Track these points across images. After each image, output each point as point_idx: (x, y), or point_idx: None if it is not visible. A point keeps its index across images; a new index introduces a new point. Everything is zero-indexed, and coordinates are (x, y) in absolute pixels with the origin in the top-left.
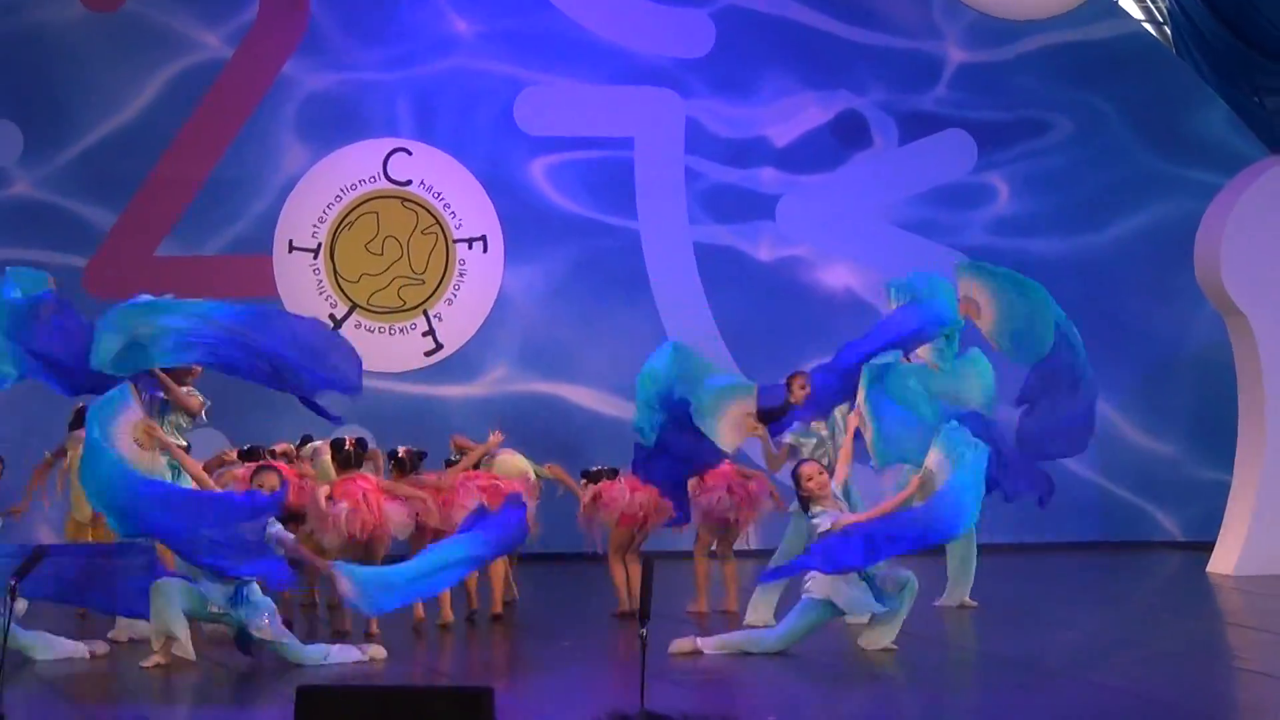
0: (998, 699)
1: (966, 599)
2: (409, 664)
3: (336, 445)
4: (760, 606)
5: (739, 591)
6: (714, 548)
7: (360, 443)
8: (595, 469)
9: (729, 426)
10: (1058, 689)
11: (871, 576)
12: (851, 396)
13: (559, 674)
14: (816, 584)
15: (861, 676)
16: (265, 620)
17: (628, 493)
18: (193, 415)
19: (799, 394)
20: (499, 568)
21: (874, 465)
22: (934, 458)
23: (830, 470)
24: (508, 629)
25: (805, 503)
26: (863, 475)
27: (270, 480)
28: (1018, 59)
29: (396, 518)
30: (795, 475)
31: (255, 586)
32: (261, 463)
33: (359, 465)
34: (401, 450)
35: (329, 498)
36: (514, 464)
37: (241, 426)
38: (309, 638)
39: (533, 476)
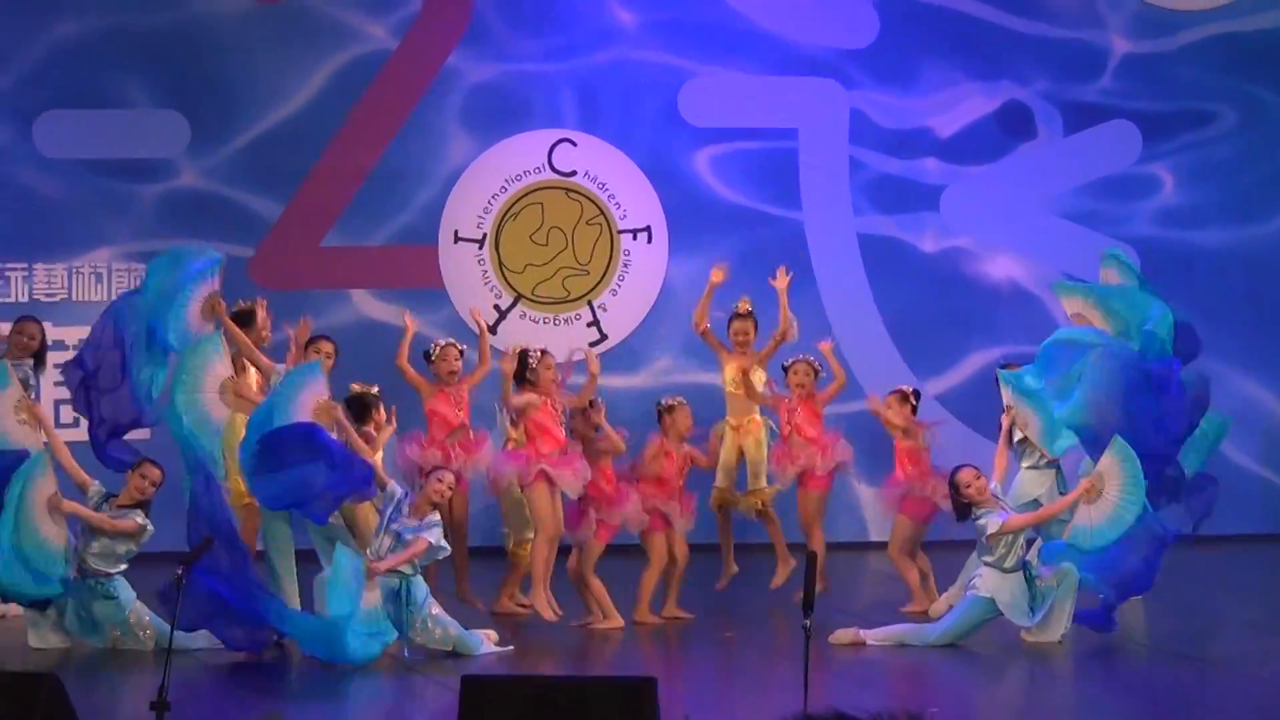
0: (1162, 692)
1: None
2: (571, 654)
3: None
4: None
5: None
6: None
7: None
8: None
9: None
10: (1223, 682)
11: (1033, 578)
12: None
13: (722, 665)
14: (983, 581)
15: (1025, 669)
16: (428, 615)
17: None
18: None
19: None
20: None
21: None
22: (1106, 463)
23: None
24: (670, 620)
25: (966, 509)
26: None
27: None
28: (1181, 49)
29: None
30: (952, 483)
31: (419, 580)
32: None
33: None
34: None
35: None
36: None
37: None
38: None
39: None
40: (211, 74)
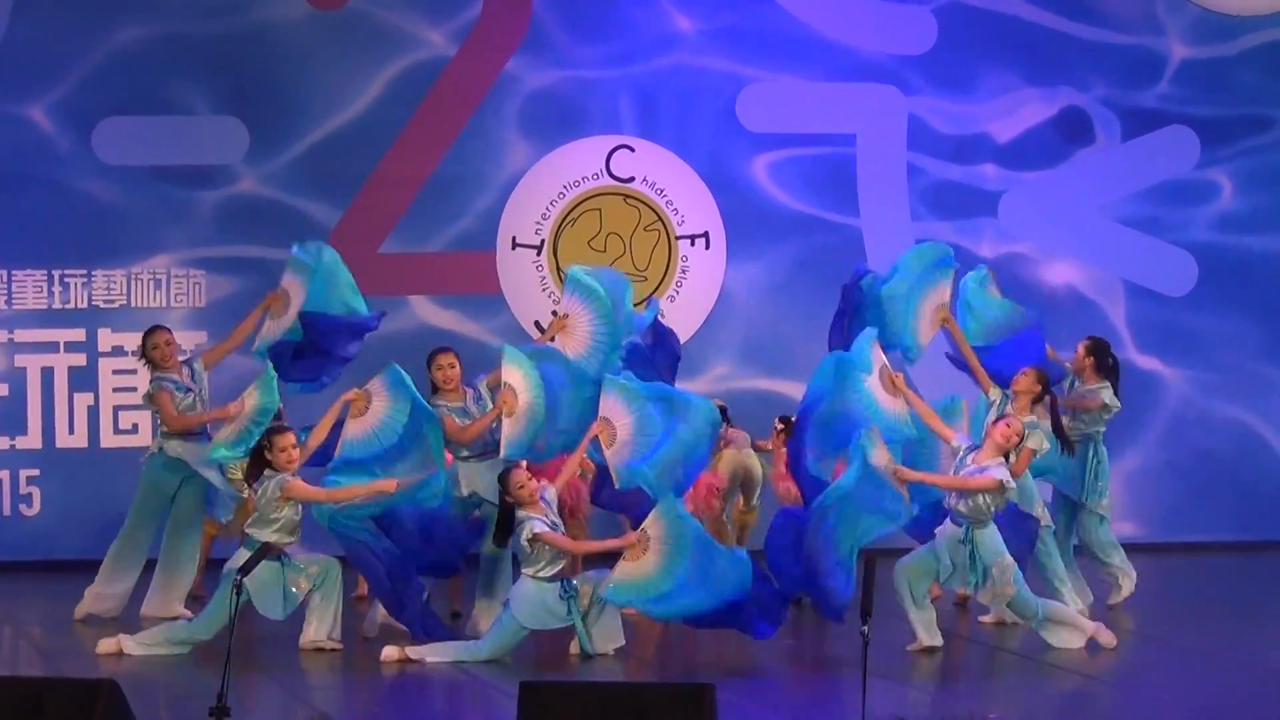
0: (1225, 698)
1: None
2: (629, 660)
3: None
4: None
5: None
6: None
7: None
8: None
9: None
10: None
11: None
12: None
13: (780, 671)
14: None
15: (1089, 675)
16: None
17: None
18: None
19: None
20: None
21: None
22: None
23: None
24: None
25: None
26: None
27: None
28: (1240, 55)
29: None
30: None
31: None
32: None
33: None
34: None
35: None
36: (734, 459)
37: None
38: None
39: (757, 473)
40: (270, 80)
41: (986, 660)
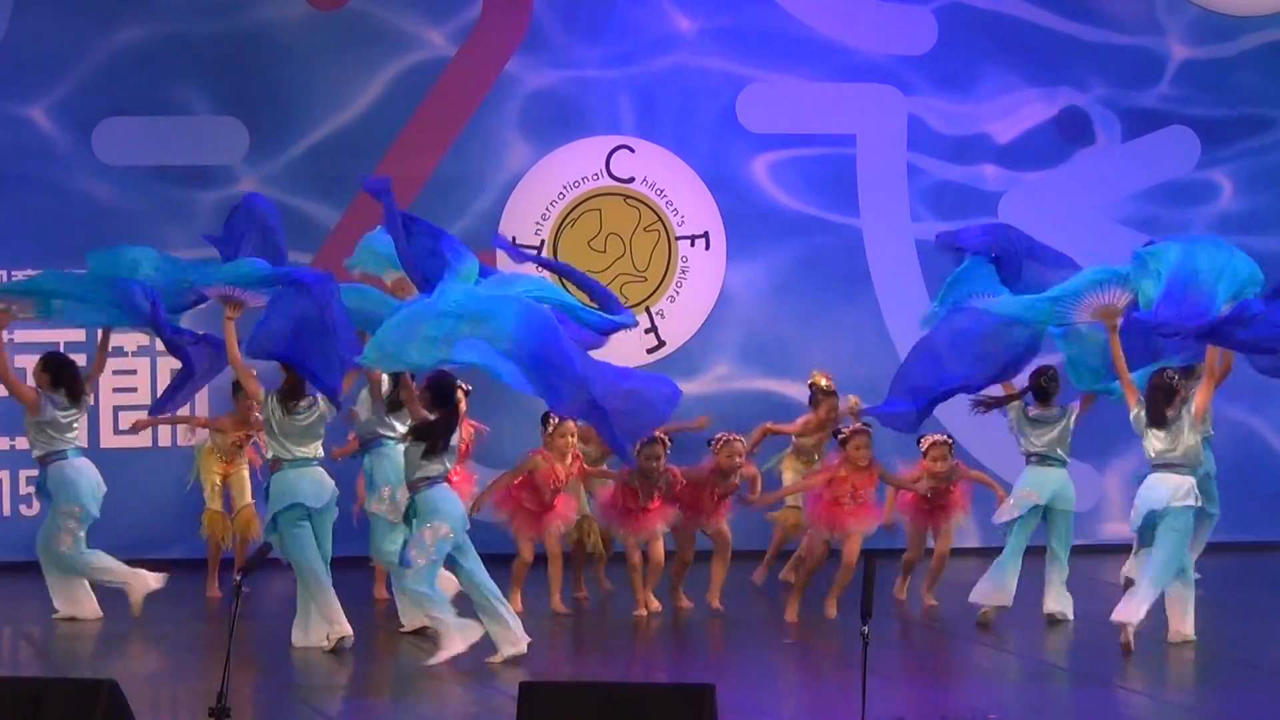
0: (1223, 704)
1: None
2: (628, 660)
3: None
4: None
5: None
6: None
7: None
8: None
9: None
10: None
11: None
12: None
13: (781, 672)
14: None
15: (1088, 676)
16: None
17: None
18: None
19: None
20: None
21: None
22: None
23: None
24: (729, 627)
25: None
26: None
27: None
28: (1240, 55)
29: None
30: None
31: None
32: None
33: None
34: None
35: None
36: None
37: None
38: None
39: None
40: (270, 81)
41: (986, 660)
